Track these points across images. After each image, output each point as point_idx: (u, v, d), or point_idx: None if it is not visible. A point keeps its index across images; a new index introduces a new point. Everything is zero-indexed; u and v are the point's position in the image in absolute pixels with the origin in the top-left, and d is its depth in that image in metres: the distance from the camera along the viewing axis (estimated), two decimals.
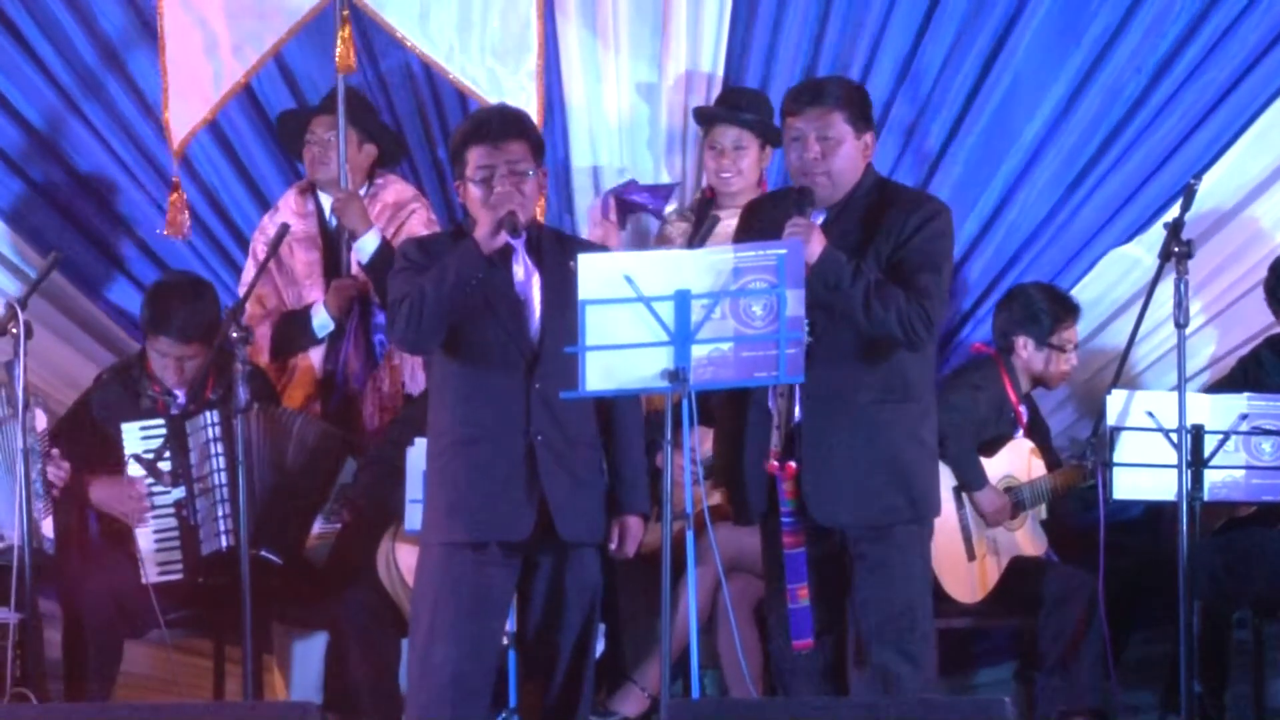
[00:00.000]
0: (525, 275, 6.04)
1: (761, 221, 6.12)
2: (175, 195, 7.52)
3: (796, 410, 6.01)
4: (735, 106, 7.33)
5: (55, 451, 6.69)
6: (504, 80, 7.40)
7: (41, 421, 6.63)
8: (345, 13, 7.40)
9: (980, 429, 7.19)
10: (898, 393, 6.02)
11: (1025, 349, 7.33)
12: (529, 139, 6.05)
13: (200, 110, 7.43)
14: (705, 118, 7.35)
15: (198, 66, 7.40)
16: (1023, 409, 7.35)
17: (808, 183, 6.04)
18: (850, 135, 6.06)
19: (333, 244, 7.42)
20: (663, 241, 7.40)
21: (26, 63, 7.73)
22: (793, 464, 5.97)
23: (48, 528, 6.59)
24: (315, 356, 7.42)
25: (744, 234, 6.18)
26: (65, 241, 7.63)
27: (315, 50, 7.65)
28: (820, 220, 6.05)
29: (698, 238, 6.73)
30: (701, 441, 6.52)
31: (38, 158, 7.79)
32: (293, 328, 7.40)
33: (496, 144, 6.00)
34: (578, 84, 7.70)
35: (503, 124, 6.05)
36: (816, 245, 5.87)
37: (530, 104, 7.26)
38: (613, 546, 6.10)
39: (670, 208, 7.61)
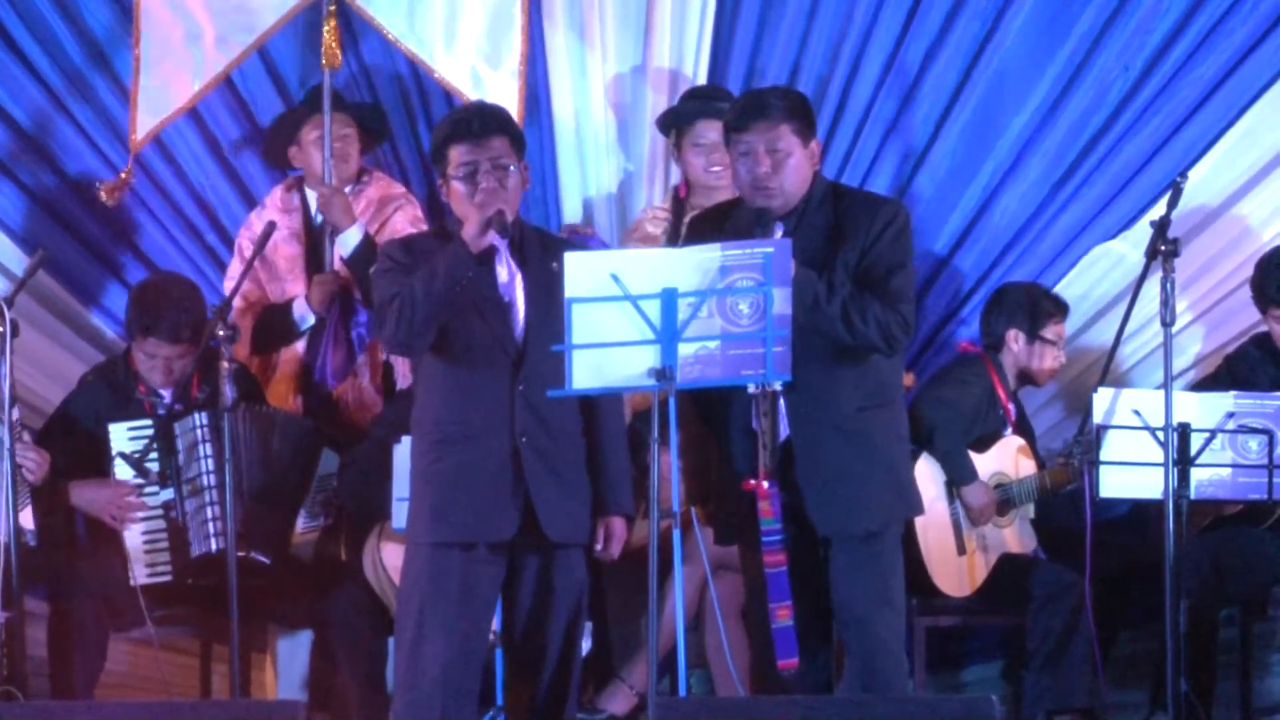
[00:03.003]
0: (509, 276, 6.04)
1: (714, 234, 6.07)
2: (125, 172, 7.51)
3: (782, 427, 6.01)
4: (709, 101, 7.31)
5: (26, 437, 6.65)
6: (486, 79, 7.41)
7: (15, 411, 6.60)
8: (332, 8, 7.40)
9: (970, 425, 7.20)
10: (877, 397, 6.05)
11: (1016, 342, 7.35)
12: (510, 134, 6.05)
13: (175, 101, 7.43)
14: (687, 115, 7.29)
15: (178, 57, 7.41)
16: (1011, 406, 7.36)
17: (759, 198, 6.02)
18: (799, 146, 6.05)
19: (316, 239, 7.42)
20: (641, 236, 7.37)
21: (13, 62, 7.72)
22: (765, 485, 5.95)
23: (27, 519, 6.56)
24: (298, 351, 7.41)
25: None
26: (52, 240, 7.61)
27: (302, 48, 7.64)
28: (779, 233, 6.05)
29: (683, 237, 6.71)
30: None
31: (25, 158, 7.77)
32: (274, 322, 7.40)
33: (478, 141, 6.00)
34: (563, 85, 7.69)
35: (483, 121, 6.05)
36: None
37: (511, 102, 7.27)
38: (598, 548, 6.11)
39: None
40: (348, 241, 7.29)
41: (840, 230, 6.04)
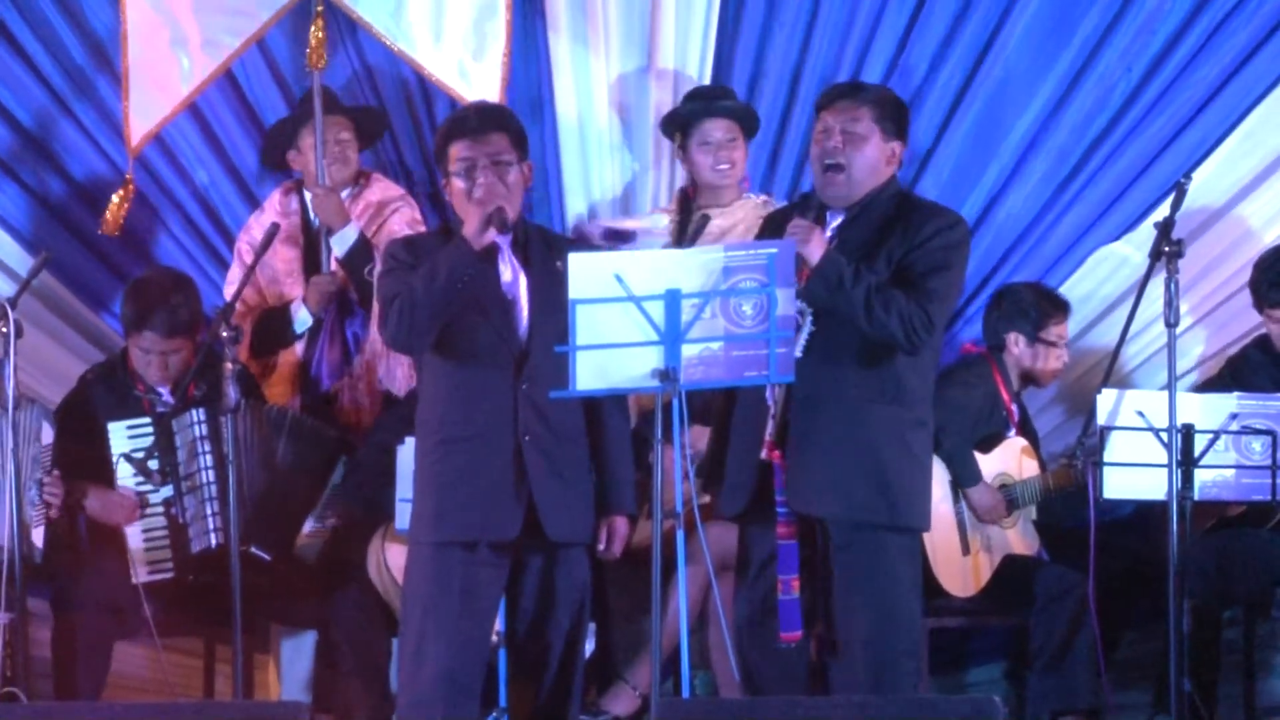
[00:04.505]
0: (512, 275, 6.05)
1: (777, 233, 6.10)
2: (123, 191, 7.52)
3: (792, 400, 6.02)
4: (713, 100, 7.30)
5: (56, 473, 6.67)
6: (472, 71, 7.41)
7: (48, 435, 6.63)
8: (319, 8, 7.40)
9: (974, 425, 7.20)
10: (888, 395, 6.03)
11: (1016, 345, 7.35)
12: (510, 131, 6.07)
13: (165, 106, 7.44)
14: (691, 115, 7.27)
15: (164, 61, 7.41)
16: (1014, 407, 7.36)
17: (824, 176, 6.06)
18: (876, 135, 6.07)
19: (314, 242, 7.43)
20: (644, 232, 7.37)
21: (16, 62, 7.72)
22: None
23: (38, 537, 6.58)
24: (298, 353, 7.41)
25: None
26: (55, 241, 7.62)
27: (304, 47, 7.63)
28: (838, 221, 6.07)
29: (687, 237, 6.72)
30: (698, 438, 6.53)
31: (28, 158, 7.78)
32: (273, 325, 7.40)
33: (477, 137, 6.02)
34: (567, 85, 7.69)
35: (482, 118, 6.09)
36: (817, 247, 5.89)
37: (493, 91, 7.28)
38: (600, 547, 6.11)
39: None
40: (342, 241, 7.29)
41: (894, 228, 6.05)
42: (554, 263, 6.01)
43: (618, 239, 7.46)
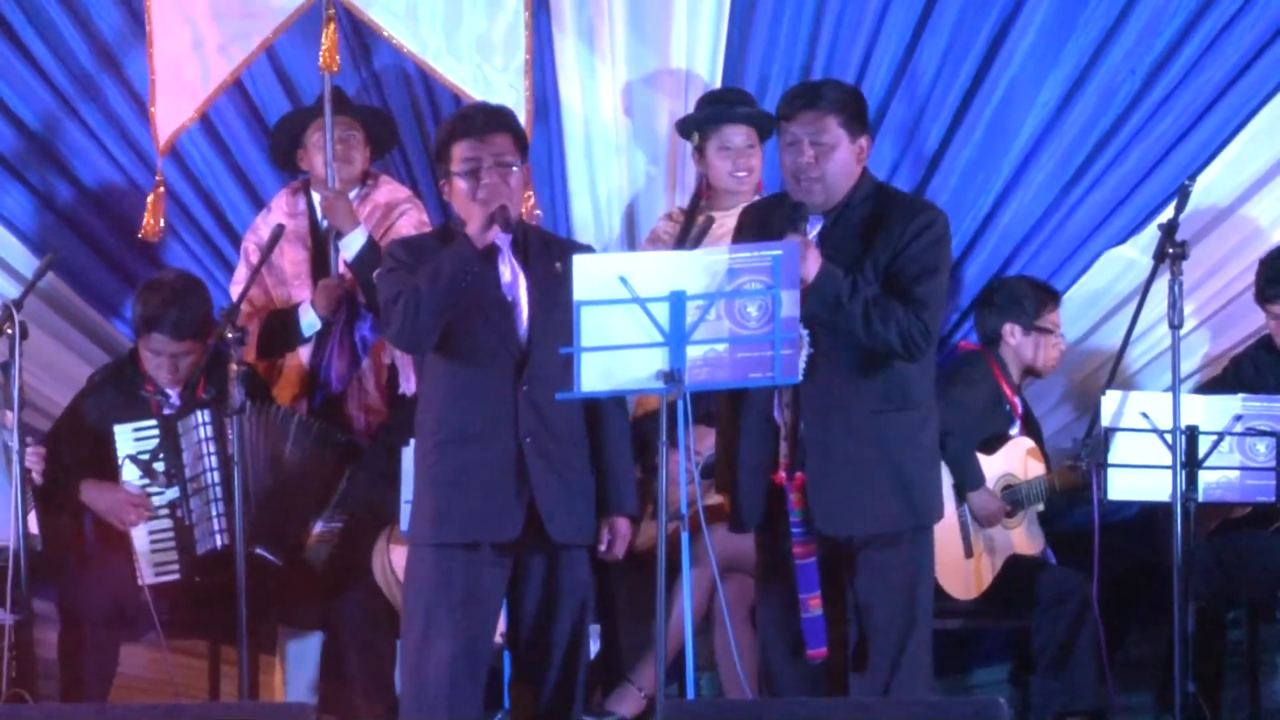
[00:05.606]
0: (512, 276, 6.05)
1: (760, 227, 6.10)
2: (155, 194, 7.53)
3: (802, 421, 6.02)
4: (733, 105, 7.29)
5: (29, 439, 6.66)
6: (493, 78, 7.41)
7: (7, 418, 6.62)
8: (331, 11, 7.41)
9: (979, 425, 7.19)
10: (897, 401, 6.03)
11: (1013, 336, 7.34)
12: (513, 133, 6.08)
13: (188, 108, 7.45)
14: (711, 119, 7.23)
15: (185, 64, 7.42)
16: (1017, 400, 7.36)
17: (800, 190, 6.04)
18: (845, 139, 6.06)
19: (321, 243, 7.43)
20: (652, 242, 7.37)
21: (22, 64, 7.72)
22: (800, 474, 5.99)
23: (32, 524, 6.56)
24: (303, 356, 7.42)
25: (741, 239, 6.18)
26: (60, 243, 7.62)
27: (310, 50, 7.64)
28: (818, 227, 6.06)
29: (690, 239, 6.72)
30: (701, 440, 6.54)
31: (34, 160, 7.78)
32: (280, 327, 7.39)
33: (481, 137, 6.02)
34: (573, 87, 7.69)
35: (486, 118, 6.09)
36: (813, 264, 5.87)
37: (519, 102, 7.28)
38: (602, 549, 6.11)
39: None
40: (351, 245, 7.29)
41: (876, 230, 6.03)
42: (553, 264, 6.02)
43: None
